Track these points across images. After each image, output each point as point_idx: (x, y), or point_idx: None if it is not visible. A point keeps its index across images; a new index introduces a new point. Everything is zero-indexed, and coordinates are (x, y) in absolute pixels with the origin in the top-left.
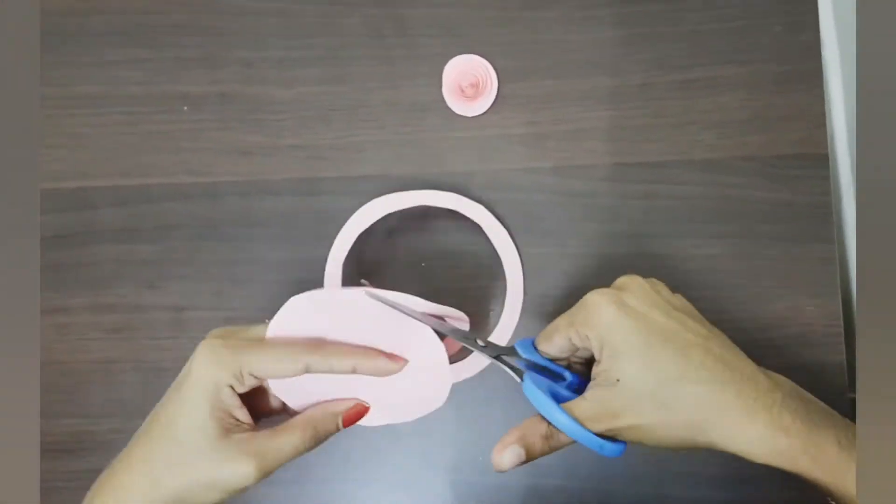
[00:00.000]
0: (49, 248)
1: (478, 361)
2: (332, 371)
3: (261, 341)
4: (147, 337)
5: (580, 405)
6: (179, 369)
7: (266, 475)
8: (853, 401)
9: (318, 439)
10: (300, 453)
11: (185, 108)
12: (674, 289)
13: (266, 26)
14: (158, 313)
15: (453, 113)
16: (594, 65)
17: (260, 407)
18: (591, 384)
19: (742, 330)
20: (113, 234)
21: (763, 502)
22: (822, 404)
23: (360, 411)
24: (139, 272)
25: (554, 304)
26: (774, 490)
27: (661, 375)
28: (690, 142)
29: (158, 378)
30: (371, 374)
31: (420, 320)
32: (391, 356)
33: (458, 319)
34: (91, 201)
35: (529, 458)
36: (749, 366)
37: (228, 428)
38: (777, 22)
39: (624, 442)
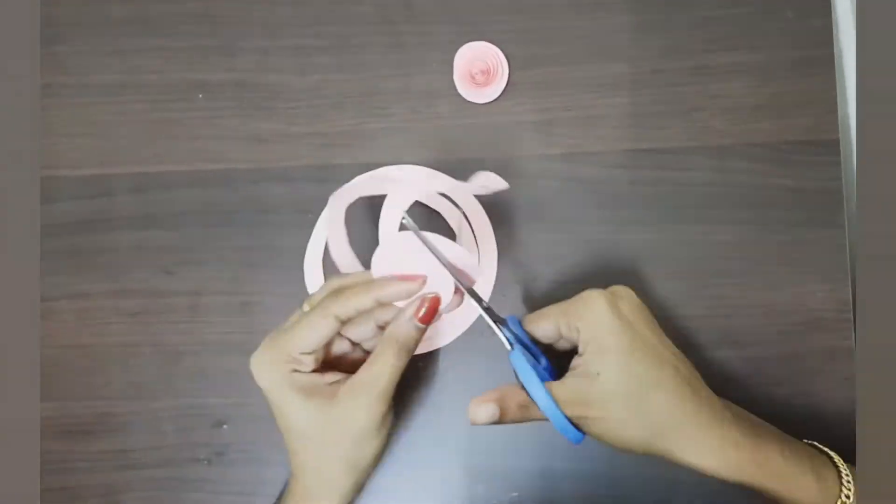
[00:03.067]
0: (69, 235)
1: (462, 323)
2: (358, 312)
3: (293, 322)
4: (165, 321)
5: (558, 388)
6: (196, 353)
7: (385, 402)
8: None
9: (407, 348)
10: (399, 370)
11: (201, 95)
12: (683, 275)
13: (280, 14)
14: (176, 298)
15: (464, 100)
16: (605, 51)
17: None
18: (570, 373)
19: (752, 316)
20: (131, 220)
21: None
22: (767, 424)
23: (432, 305)
24: (157, 258)
25: (564, 290)
26: None
27: (638, 379)
28: (701, 128)
29: (176, 361)
30: (393, 300)
31: (451, 272)
32: (406, 277)
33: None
34: (109, 188)
35: (501, 420)
36: (705, 389)
37: (329, 395)
38: (789, 7)
39: (584, 433)
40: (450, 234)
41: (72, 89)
